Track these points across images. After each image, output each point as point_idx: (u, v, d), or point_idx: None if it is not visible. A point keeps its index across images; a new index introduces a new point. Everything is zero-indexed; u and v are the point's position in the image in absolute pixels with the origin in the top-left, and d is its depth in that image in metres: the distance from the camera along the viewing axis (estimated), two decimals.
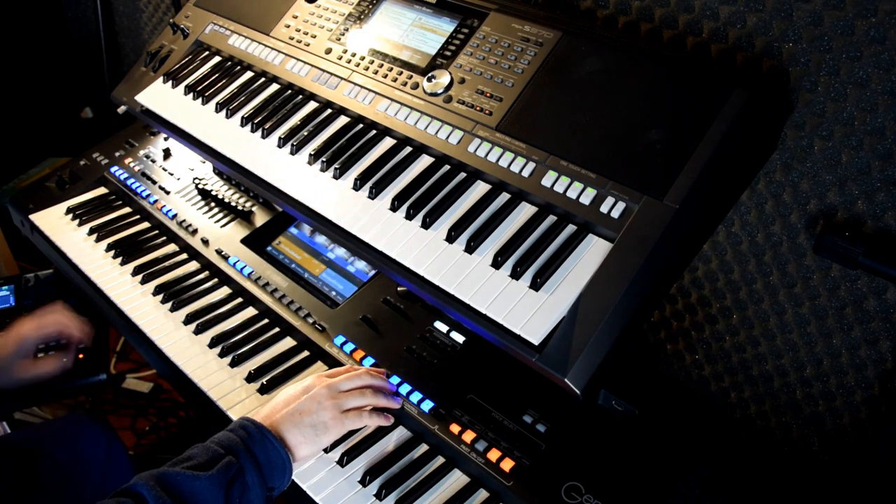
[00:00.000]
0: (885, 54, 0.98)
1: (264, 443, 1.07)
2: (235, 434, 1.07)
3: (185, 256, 1.69)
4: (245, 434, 1.07)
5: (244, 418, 1.11)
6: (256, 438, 1.07)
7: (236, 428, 1.09)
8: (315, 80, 1.41)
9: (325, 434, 1.14)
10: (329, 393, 1.18)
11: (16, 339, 1.43)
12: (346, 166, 1.26)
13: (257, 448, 1.06)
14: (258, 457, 1.05)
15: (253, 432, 1.07)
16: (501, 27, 1.26)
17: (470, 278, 1.06)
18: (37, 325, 1.48)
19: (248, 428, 1.08)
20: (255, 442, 1.06)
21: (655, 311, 1.49)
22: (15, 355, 1.43)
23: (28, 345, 1.45)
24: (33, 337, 1.46)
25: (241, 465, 1.02)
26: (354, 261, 1.59)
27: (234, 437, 1.06)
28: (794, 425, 1.36)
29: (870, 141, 1.04)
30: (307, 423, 1.13)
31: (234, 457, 1.03)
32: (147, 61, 1.68)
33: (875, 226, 1.09)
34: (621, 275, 0.97)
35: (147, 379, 2.55)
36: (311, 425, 1.13)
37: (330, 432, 1.15)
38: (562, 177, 1.09)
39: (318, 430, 1.13)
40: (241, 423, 1.09)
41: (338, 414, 1.16)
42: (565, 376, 0.94)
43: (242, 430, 1.08)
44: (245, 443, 1.06)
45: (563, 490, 1.14)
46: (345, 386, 1.21)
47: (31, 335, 1.46)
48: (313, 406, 1.15)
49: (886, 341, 1.15)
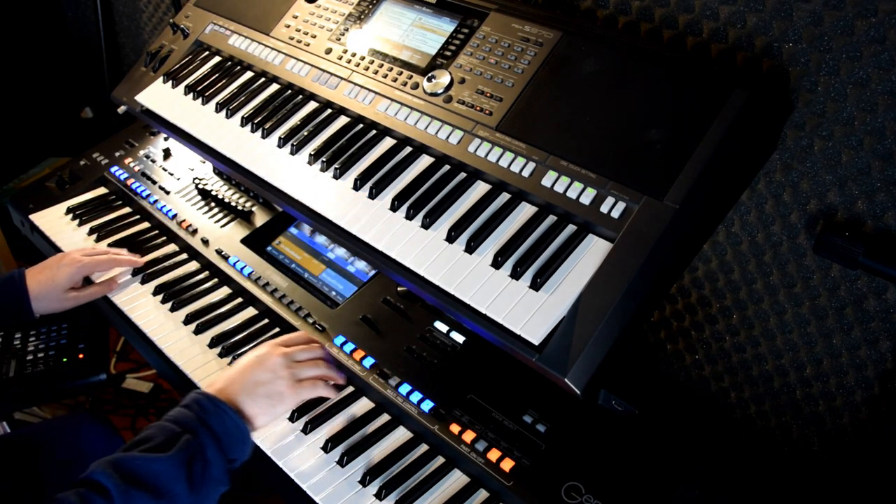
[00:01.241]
0: (885, 54, 0.98)
1: (220, 415, 1.05)
2: (190, 410, 1.05)
3: (185, 256, 1.69)
4: (200, 409, 1.05)
5: (198, 392, 1.09)
6: (212, 412, 1.05)
7: (191, 403, 1.07)
8: (315, 80, 1.41)
9: (280, 404, 1.14)
10: (284, 362, 1.17)
11: (69, 265, 1.46)
12: (346, 166, 1.26)
13: (214, 421, 1.04)
14: (216, 430, 1.04)
15: (207, 406, 1.06)
16: (501, 27, 1.26)
17: (470, 278, 1.06)
18: (90, 254, 1.51)
19: (202, 402, 1.06)
20: (211, 415, 1.05)
21: (655, 311, 1.49)
22: (67, 281, 1.46)
23: (81, 273, 1.48)
24: (88, 265, 1.49)
25: (200, 442, 1.01)
26: (354, 261, 1.59)
27: (189, 414, 1.04)
28: (794, 425, 1.36)
29: (870, 141, 1.04)
30: (262, 394, 1.13)
31: (191, 434, 1.01)
32: (147, 61, 1.68)
33: (875, 226, 1.09)
34: (621, 275, 0.97)
35: (147, 379, 2.55)
36: (267, 395, 1.13)
37: (286, 402, 1.15)
38: (562, 177, 1.09)
39: (274, 400, 1.13)
40: (196, 398, 1.07)
41: (293, 383, 1.16)
42: (565, 376, 0.94)
43: (197, 405, 1.06)
44: (201, 417, 1.04)
45: (563, 490, 1.14)
46: (300, 356, 1.21)
47: (87, 263, 1.48)
48: (268, 376, 1.15)
49: (886, 341, 1.15)
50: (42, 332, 1.83)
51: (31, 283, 1.44)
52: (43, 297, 1.45)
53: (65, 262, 1.47)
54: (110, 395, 2.51)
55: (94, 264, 1.50)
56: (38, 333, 1.82)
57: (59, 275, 1.45)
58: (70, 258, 1.48)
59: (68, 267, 1.46)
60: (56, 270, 1.46)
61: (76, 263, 1.47)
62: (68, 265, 1.46)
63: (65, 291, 1.47)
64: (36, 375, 1.73)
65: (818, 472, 1.34)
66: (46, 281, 1.45)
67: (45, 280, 1.45)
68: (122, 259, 1.56)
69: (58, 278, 1.45)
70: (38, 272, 1.46)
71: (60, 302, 1.47)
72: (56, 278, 1.45)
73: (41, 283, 1.45)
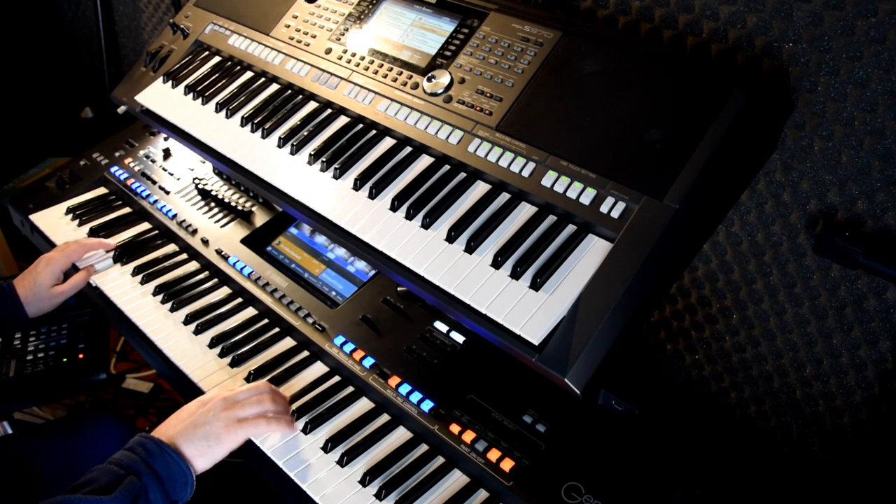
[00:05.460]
0: (885, 54, 0.98)
1: (164, 458, 1.07)
2: (134, 452, 1.07)
3: (185, 256, 1.69)
4: (144, 451, 1.07)
5: (141, 435, 1.11)
6: (156, 454, 1.07)
7: (135, 446, 1.08)
8: (315, 80, 1.41)
9: (218, 445, 1.14)
10: (224, 404, 1.17)
11: (45, 265, 1.54)
12: (346, 166, 1.26)
13: (157, 464, 1.06)
14: (159, 472, 1.05)
15: (151, 448, 1.07)
16: (501, 27, 1.26)
17: (470, 278, 1.06)
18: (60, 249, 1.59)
19: (146, 445, 1.08)
20: (155, 458, 1.06)
21: (655, 311, 1.49)
22: (48, 278, 1.53)
23: (57, 267, 1.55)
24: (60, 259, 1.56)
25: (143, 484, 1.03)
26: (354, 261, 1.59)
27: (133, 456, 1.06)
28: (794, 425, 1.36)
29: (870, 141, 1.04)
30: (200, 436, 1.13)
31: (135, 476, 1.03)
32: (147, 61, 1.68)
33: (875, 226, 1.09)
34: (621, 275, 0.97)
35: (147, 379, 2.55)
36: (205, 437, 1.13)
37: (223, 443, 1.14)
38: (562, 177, 1.09)
39: (212, 442, 1.13)
40: (140, 441, 1.09)
41: (231, 423, 1.15)
42: (565, 376, 0.94)
43: (141, 447, 1.08)
44: (145, 460, 1.05)
45: (563, 490, 1.14)
46: (242, 396, 1.20)
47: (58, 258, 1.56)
48: (207, 417, 1.15)
49: (886, 341, 1.15)
50: (42, 332, 1.83)
51: (20, 290, 1.52)
52: (32, 300, 1.52)
53: (41, 263, 1.55)
54: (110, 395, 2.51)
55: (65, 256, 1.57)
56: (38, 333, 1.82)
57: (40, 275, 1.53)
58: (45, 258, 1.56)
59: (45, 265, 1.54)
60: (36, 272, 1.54)
61: (51, 261, 1.55)
62: (45, 264, 1.54)
63: (49, 289, 1.54)
64: (36, 375, 1.73)
65: (818, 472, 1.34)
66: (31, 285, 1.52)
67: (29, 284, 1.52)
68: (90, 243, 1.62)
69: (40, 279, 1.53)
70: (23, 278, 1.54)
71: (49, 300, 1.54)
72: (38, 279, 1.53)
73: (27, 288, 1.52)
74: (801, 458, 1.37)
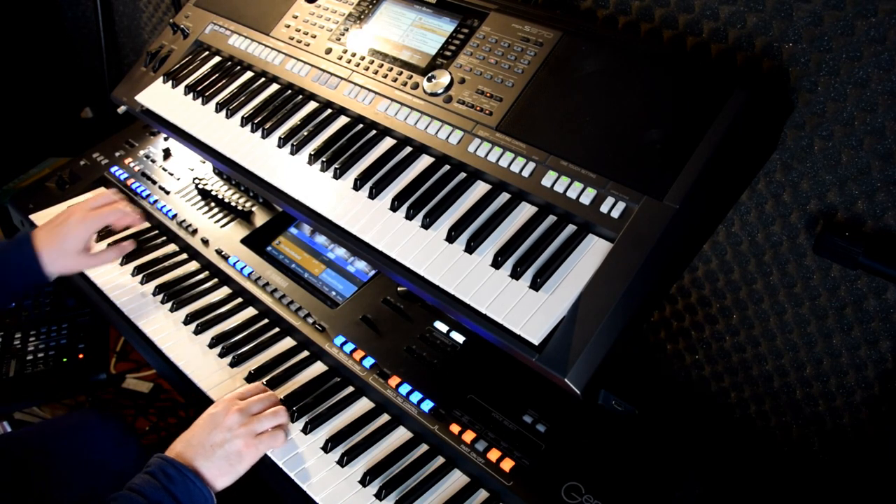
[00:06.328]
0: (885, 54, 0.98)
1: (186, 483, 1.07)
2: (155, 478, 1.06)
3: (185, 256, 1.69)
4: (165, 477, 1.07)
5: (160, 457, 1.10)
6: (177, 480, 1.06)
7: (155, 471, 1.08)
8: (315, 80, 1.41)
9: (239, 463, 1.14)
10: (239, 419, 1.16)
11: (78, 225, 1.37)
12: (346, 166, 1.26)
13: (179, 490, 1.06)
14: (181, 499, 1.05)
15: (172, 473, 1.07)
16: (501, 27, 1.26)
17: (470, 278, 1.06)
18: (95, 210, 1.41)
19: (166, 469, 1.08)
20: (177, 484, 1.06)
21: (655, 311, 1.49)
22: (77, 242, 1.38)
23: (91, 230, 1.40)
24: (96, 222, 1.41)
25: None
26: (354, 261, 1.59)
27: (154, 482, 1.06)
28: (794, 425, 1.36)
29: (870, 141, 1.04)
30: (221, 456, 1.12)
31: None
32: (147, 61, 1.68)
33: (875, 226, 1.09)
34: (621, 275, 0.97)
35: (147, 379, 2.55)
36: (225, 457, 1.12)
37: (244, 460, 1.14)
38: (562, 177, 1.09)
39: (233, 461, 1.13)
40: (159, 465, 1.09)
41: (251, 440, 1.15)
42: (565, 376, 0.94)
43: (162, 472, 1.07)
44: (167, 487, 1.05)
45: (563, 490, 1.14)
46: (255, 408, 1.19)
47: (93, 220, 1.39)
48: (225, 435, 1.14)
49: (886, 341, 1.15)
50: (42, 332, 1.83)
51: (41, 245, 1.35)
52: (55, 259, 1.36)
53: (71, 223, 1.38)
54: (110, 395, 2.51)
55: (101, 219, 1.42)
56: (38, 333, 1.82)
57: (67, 236, 1.37)
58: (76, 218, 1.38)
59: (76, 228, 1.38)
60: (65, 230, 1.37)
61: (82, 224, 1.38)
62: (75, 225, 1.38)
63: (77, 253, 1.39)
64: (36, 375, 1.73)
65: (818, 472, 1.34)
66: (56, 242, 1.36)
67: (54, 241, 1.36)
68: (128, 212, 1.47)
69: (67, 240, 1.37)
70: (47, 233, 1.37)
71: (73, 264, 1.39)
72: (66, 240, 1.36)
73: (51, 244, 1.36)
74: (801, 458, 1.37)
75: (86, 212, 1.41)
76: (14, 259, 1.36)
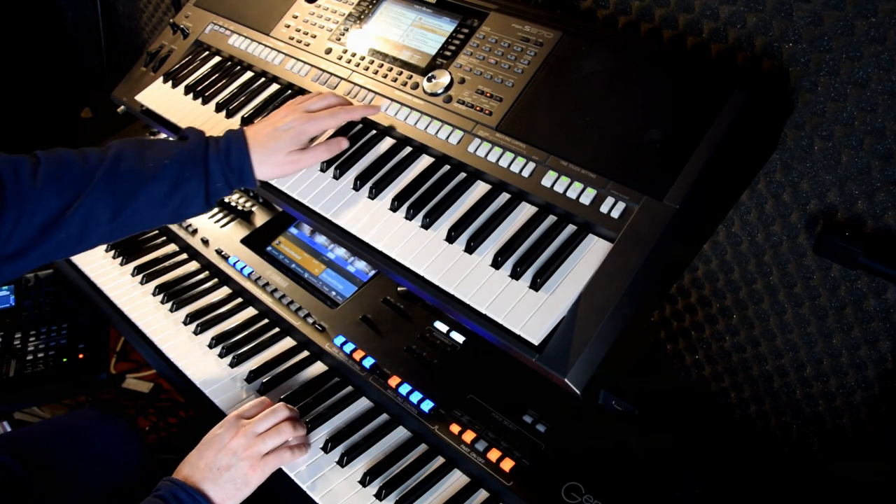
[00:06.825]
0: (885, 54, 0.98)
1: None
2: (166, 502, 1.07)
3: (185, 256, 1.69)
4: (176, 501, 1.07)
5: (170, 481, 1.11)
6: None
7: (166, 495, 1.08)
8: (315, 80, 1.41)
9: (245, 486, 1.14)
10: (245, 442, 1.16)
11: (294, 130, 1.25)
12: (345, 166, 1.26)
13: None
14: None
15: (184, 498, 1.07)
16: (501, 27, 1.26)
17: (470, 278, 1.06)
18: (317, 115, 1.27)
19: (177, 494, 1.08)
20: None
21: (655, 311, 1.49)
22: (291, 143, 1.25)
23: (306, 137, 1.27)
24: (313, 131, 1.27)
25: None
26: (354, 261, 1.59)
27: None
28: (794, 425, 1.36)
29: (870, 141, 1.04)
30: (227, 479, 1.12)
31: None
32: (147, 61, 1.68)
33: (875, 226, 1.09)
34: (621, 275, 0.97)
35: (147, 379, 2.55)
36: (231, 480, 1.12)
37: (251, 483, 1.14)
38: (562, 177, 1.09)
39: (239, 484, 1.13)
40: (170, 489, 1.09)
41: (257, 462, 1.15)
42: (565, 376, 0.94)
43: (173, 497, 1.07)
44: None
45: (563, 490, 1.14)
46: (260, 428, 1.19)
47: (310, 129, 1.27)
48: (230, 459, 1.14)
49: (886, 341, 1.15)
50: (42, 332, 1.83)
51: (253, 146, 1.23)
52: (264, 162, 1.24)
53: (285, 126, 1.26)
54: (110, 395, 2.51)
55: (320, 123, 1.27)
56: (38, 333, 1.82)
57: (281, 139, 1.24)
58: (290, 121, 1.26)
59: (291, 131, 1.25)
60: (279, 136, 1.25)
61: (297, 128, 1.26)
62: (290, 130, 1.25)
63: (287, 154, 1.25)
64: (36, 375, 1.73)
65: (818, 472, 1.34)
66: (268, 147, 1.24)
67: (266, 143, 1.24)
68: (355, 109, 1.31)
69: (280, 142, 1.24)
70: (260, 133, 1.25)
71: (282, 167, 1.26)
72: (279, 142, 1.24)
73: (262, 146, 1.24)
74: (801, 458, 1.37)
75: (303, 116, 1.27)
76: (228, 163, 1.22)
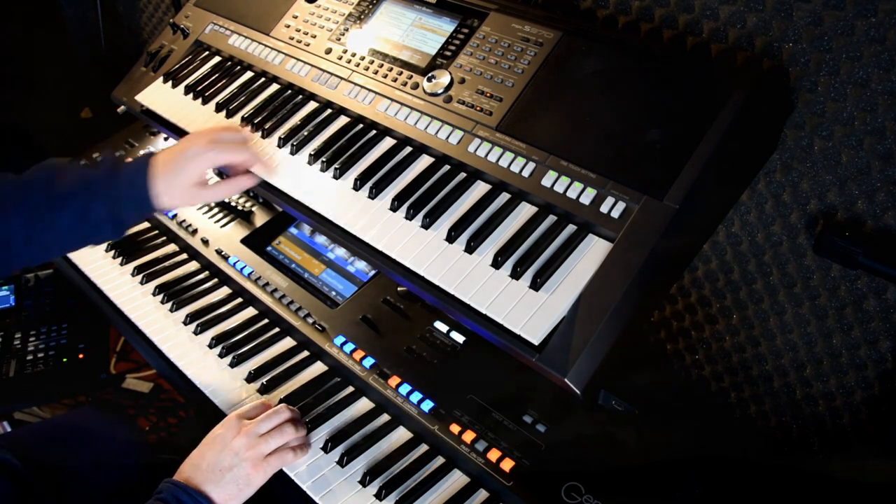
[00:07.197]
0: (885, 54, 0.98)
1: None
2: None
3: (185, 256, 1.69)
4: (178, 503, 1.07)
5: (172, 483, 1.11)
6: None
7: (168, 498, 1.08)
8: (315, 80, 1.41)
9: (247, 487, 1.14)
10: (247, 442, 1.16)
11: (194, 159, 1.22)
12: (346, 166, 1.26)
13: None
14: None
15: (186, 500, 1.08)
16: (501, 27, 1.26)
17: (470, 278, 1.06)
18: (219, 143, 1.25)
19: (179, 496, 1.08)
20: None
21: (655, 311, 1.49)
22: (193, 176, 1.23)
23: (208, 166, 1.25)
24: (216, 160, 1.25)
25: None
26: (354, 261, 1.59)
27: None
28: (794, 425, 1.36)
29: (870, 141, 1.04)
30: (229, 480, 1.12)
31: None
32: (147, 61, 1.68)
33: (875, 226, 1.09)
34: (621, 275, 0.97)
35: (147, 379, 2.54)
36: (234, 481, 1.13)
37: (252, 483, 1.14)
38: (562, 177, 1.09)
39: (241, 484, 1.13)
40: (172, 492, 1.09)
41: (259, 462, 1.15)
42: (565, 376, 0.94)
43: (175, 499, 1.07)
44: None
45: (563, 490, 1.14)
46: (262, 428, 1.19)
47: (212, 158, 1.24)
48: (232, 460, 1.14)
49: (886, 341, 1.15)
50: (42, 332, 1.83)
51: (155, 174, 1.21)
52: (166, 192, 1.21)
53: (190, 153, 1.23)
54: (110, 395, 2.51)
55: (222, 157, 1.26)
56: (38, 333, 1.82)
57: (185, 169, 1.22)
58: (196, 148, 1.23)
59: (194, 161, 1.23)
60: (182, 163, 1.22)
61: (201, 156, 1.23)
62: (194, 158, 1.23)
63: (191, 186, 1.24)
64: (36, 375, 1.73)
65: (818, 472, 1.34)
66: (171, 174, 1.22)
67: (169, 173, 1.22)
68: (253, 149, 1.31)
69: (184, 173, 1.22)
70: (164, 163, 1.22)
71: (185, 198, 1.24)
72: (182, 173, 1.22)
73: (166, 176, 1.21)
74: (801, 458, 1.37)
75: (208, 142, 1.25)
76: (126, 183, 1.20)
